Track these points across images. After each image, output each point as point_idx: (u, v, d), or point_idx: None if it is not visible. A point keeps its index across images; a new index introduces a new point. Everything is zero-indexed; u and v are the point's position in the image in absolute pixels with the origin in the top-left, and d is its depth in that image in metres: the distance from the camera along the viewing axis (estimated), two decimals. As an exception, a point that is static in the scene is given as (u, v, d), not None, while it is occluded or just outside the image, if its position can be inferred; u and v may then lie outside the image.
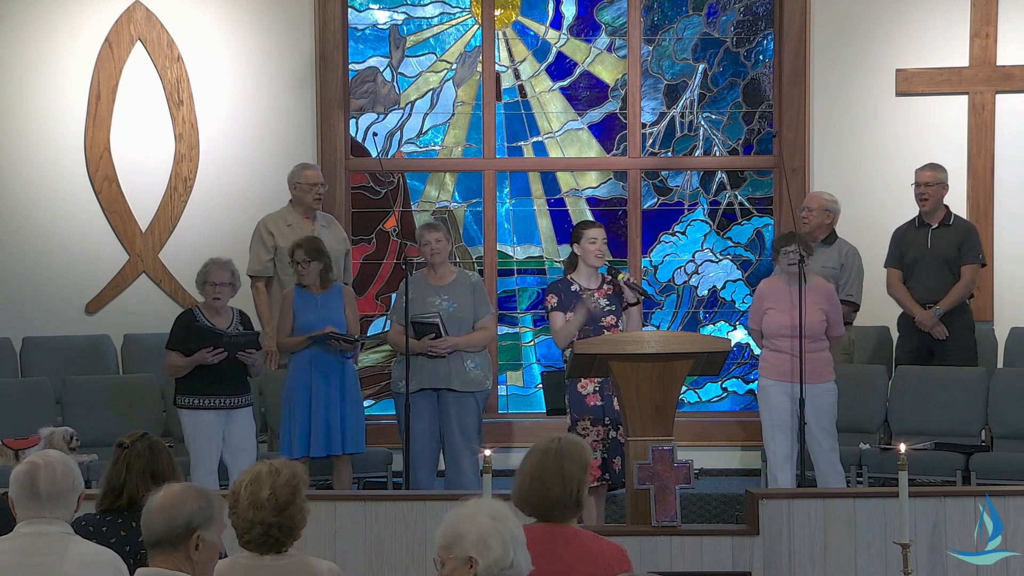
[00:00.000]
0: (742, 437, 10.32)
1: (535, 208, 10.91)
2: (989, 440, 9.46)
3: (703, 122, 10.88)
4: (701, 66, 10.87)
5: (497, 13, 10.87)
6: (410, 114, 10.90)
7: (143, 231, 10.48)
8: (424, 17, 10.89)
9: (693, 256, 10.86)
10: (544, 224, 10.91)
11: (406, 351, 8.66)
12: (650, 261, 10.84)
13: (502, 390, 10.72)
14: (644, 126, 10.84)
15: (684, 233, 10.88)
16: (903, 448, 5.72)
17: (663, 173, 10.89)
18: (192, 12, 10.50)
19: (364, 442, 8.82)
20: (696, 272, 10.87)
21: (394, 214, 10.83)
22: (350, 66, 10.76)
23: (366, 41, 10.86)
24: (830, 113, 10.54)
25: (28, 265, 10.42)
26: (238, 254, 9.24)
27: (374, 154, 10.73)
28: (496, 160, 10.84)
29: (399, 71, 10.88)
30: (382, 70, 10.87)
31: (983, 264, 9.74)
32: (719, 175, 10.88)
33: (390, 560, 6.88)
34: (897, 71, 10.49)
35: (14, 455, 8.70)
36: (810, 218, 9.67)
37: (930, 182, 9.63)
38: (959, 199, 10.09)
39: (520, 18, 10.94)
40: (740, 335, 10.76)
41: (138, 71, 10.47)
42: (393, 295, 9.69)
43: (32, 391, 9.56)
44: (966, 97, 10.45)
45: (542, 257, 10.91)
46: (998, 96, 10.44)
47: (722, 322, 10.87)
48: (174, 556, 3.96)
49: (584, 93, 10.92)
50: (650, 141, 10.87)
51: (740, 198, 10.87)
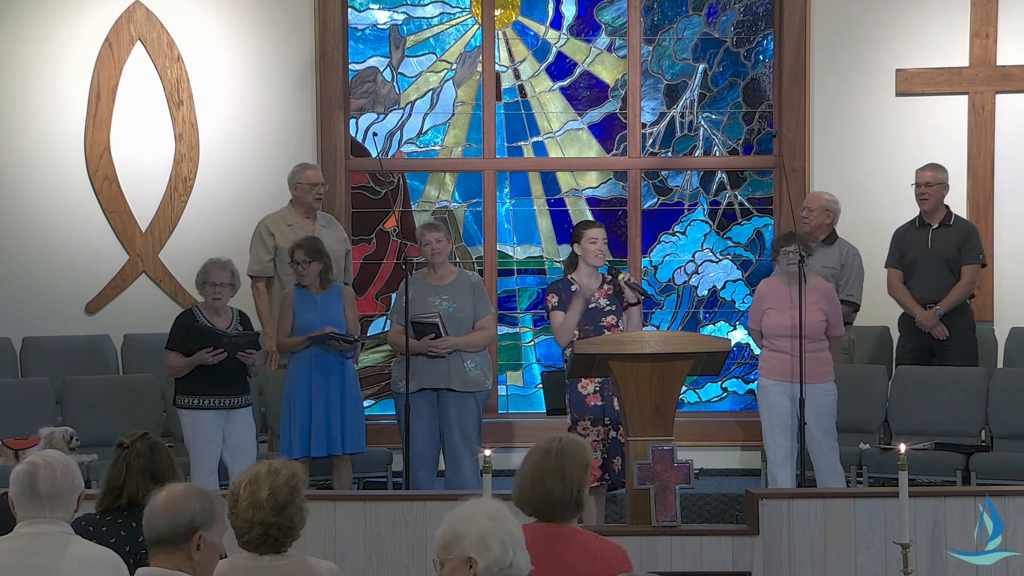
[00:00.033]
0: (742, 437, 10.32)
1: (535, 208, 10.91)
2: (989, 440, 9.45)
3: (703, 122, 10.88)
4: (701, 66, 10.87)
5: (497, 13, 10.87)
6: (410, 114, 10.90)
7: (143, 231, 10.48)
8: (424, 17, 10.89)
9: (693, 256, 10.86)
10: (544, 224, 10.91)
11: (406, 351, 8.66)
12: (650, 261, 10.83)
13: (502, 390, 10.72)
14: (644, 126, 10.84)
15: (684, 233, 10.88)
16: (903, 448, 5.71)
17: (663, 173, 10.89)
18: (192, 12, 10.51)
19: (364, 442, 8.82)
20: (696, 272, 10.86)
21: (394, 214, 10.83)
22: (350, 66, 10.76)
23: (366, 41, 10.86)
24: (830, 113, 10.54)
25: (28, 265, 10.42)
26: (238, 254, 9.24)
27: (374, 154, 10.73)
28: (496, 160, 10.84)
29: (399, 71, 10.88)
30: (382, 70, 10.87)
31: (983, 264, 9.74)
32: (719, 175, 10.88)
33: (390, 560, 6.88)
34: (897, 71, 10.49)
35: (14, 455, 8.70)
36: (810, 218, 9.67)
37: (930, 182, 9.63)
38: (959, 199, 10.09)
39: (520, 18, 10.94)
40: (740, 335, 10.76)
41: (138, 71, 10.47)
42: (393, 295, 9.69)
43: (32, 391, 9.56)
44: (966, 97, 10.45)
45: (542, 257, 10.91)
46: (998, 96, 10.44)
47: (722, 322, 10.87)
48: (175, 555, 3.96)
49: (584, 93, 10.92)
50: (650, 141, 10.87)
51: (740, 198, 10.87)
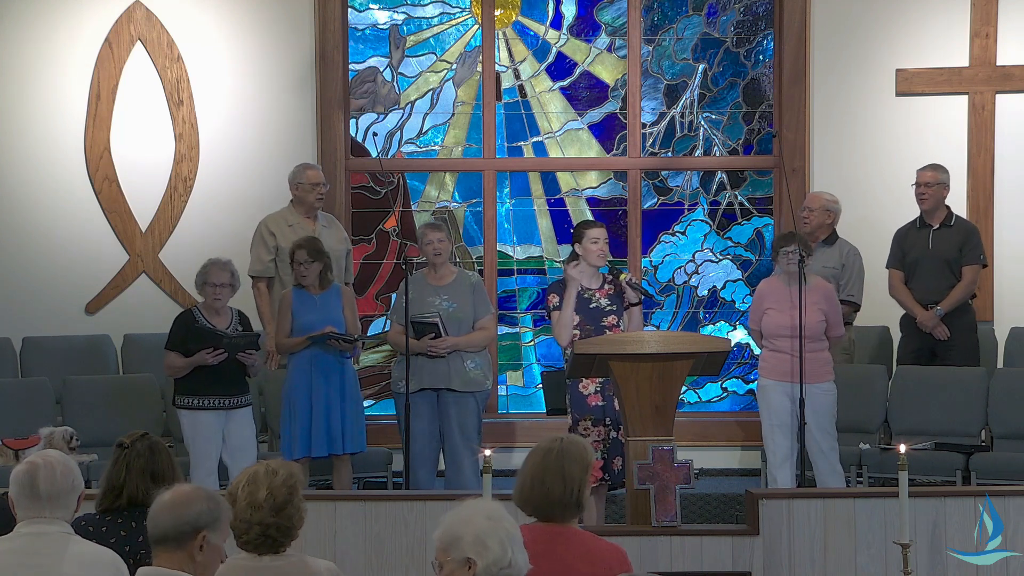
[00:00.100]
0: (742, 437, 10.32)
1: (535, 208, 10.91)
2: (989, 440, 9.45)
3: (703, 122, 10.88)
4: (701, 66, 10.87)
5: (497, 13, 10.86)
6: (410, 114, 10.90)
7: (143, 231, 10.48)
8: (424, 17, 10.89)
9: (693, 256, 10.86)
10: (544, 224, 10.91)
11: (406, 351, 8.66)
12: (650, 261, 10.83)
13: (502, 390, 10.72)
14: (644, 126, 10.84)
15: (684, 233, 10.88)
16: (903, 448, 5.72)
17: (663, 173, 10.89)
18: (192, 12, 10.50)
19: (364, 441, 8.82)
20: (696, 272, 10.86)
21: (394, 214, 10.83)
22: (350, 66, 10.76)
23: (366, 41, 10.86)
24: (830, 113, 10.54)
25: (28, 265, 10.42)
26: (238, 254, 9.24)
27: (374, 154, 10.73)
28: (496, 160, 10.83)
29: (399, 71, 10.88)
30: (382, 70, 10.87)
31: (984, 265, 9.74)
32: (719, 175, 10.88)
33: (390, 560, 6.88)
34: (897, 71, 10.49)
35: (14, 455, 8.70)
36: (811, 218, 9.66)
37: (930, 182, 9.63)
38: (959, 199, 10.08)
39: (520, 18, 10.94)
40: (740, 335, 10.76)
41: (138, 71, 10.47)
42: (393, 295, 9.69)
43: (32, 391, 9.56)
44: (966, 97, 10.44)
45: (542, 257, 10.90)
46: (998, 96, 10.44)
47: (722, 322, 10.86)
48: (178, 554, 3.95)
49: (584, 93, 10.92)
50: (650, 141, 10.87)
51: (740, 198, 10.87)
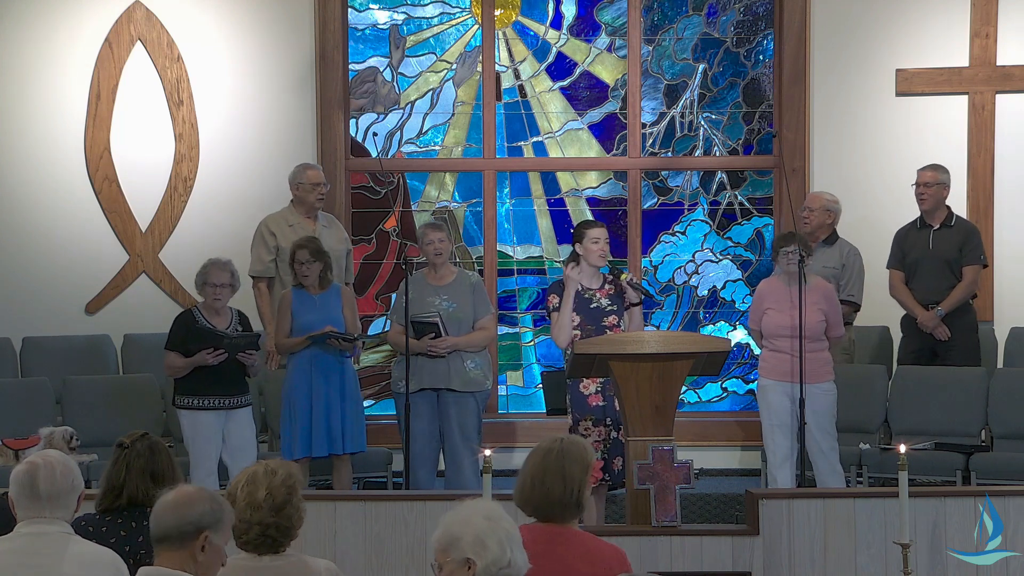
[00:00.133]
0: (742, 437, 10.31)
1: (535, 208, 10.90)
2: (989, 440, 9.45)
3: (703, 122, 10.88)
4: (701, 66, 10.87)
5: (497, 13, 10.86)
6: (410, 114, 10.90)
7: (143, 231, 10.48)
8: (424, 17, 10.89)
9: (693, 256, 10.86)
10: (544, 224, 10.91)
11: (406, 351, 8.66)
12: (650, 261, 10.83)
13: (502, 390, 10.72)
14: (644, 126, 10.84)
15: (684, 233, 10.88)
16: (903, 448, 5.72)
17: (663, 173, 10.89)
18: (192, 12, 10.50)
19: (365, 441, 8.81)
20: (696, 272, 10.86)
21: (394, 214, 10.83)
22: (350, 66, 10.76)
23: (366, 41, 10.86)
24: (830, 113, 10.54)
25: (28, 265, 10.42)
26: (238, 254, 9.24)
27: (374, 154, 10.73)
28: (496, 160, 10.83)
29: (399, 71, 10.88)
30: (382, 70, 10.87)
31: (985, 265, 9.73)
32: (719, 175, 10.88)
33: (390, 560, 6.88)
34: (897, 71, 10.49)
35: (14, 455, 8.70)
36: (811, 218, 9.66)
37: (929, 182, 9.62)
38: (959, 199, 10.08)
39: (520, 18, 10.93)
40: (740, 335, 10.76)
41: (138, 71, 10.47)
42: (393, 295, 9.69)
43: (32, 391, 9.56)
44: (966, 97, 10.44)
45: (542, 257, 10.90)
46: (998, 96, 10.44)
47: (722, 322, 10.86)
48: (180, 554, 3.95)
49: (584, 93, 10.92)
50: (650, 141, 10.87)
51: (740, 198, 10.87)
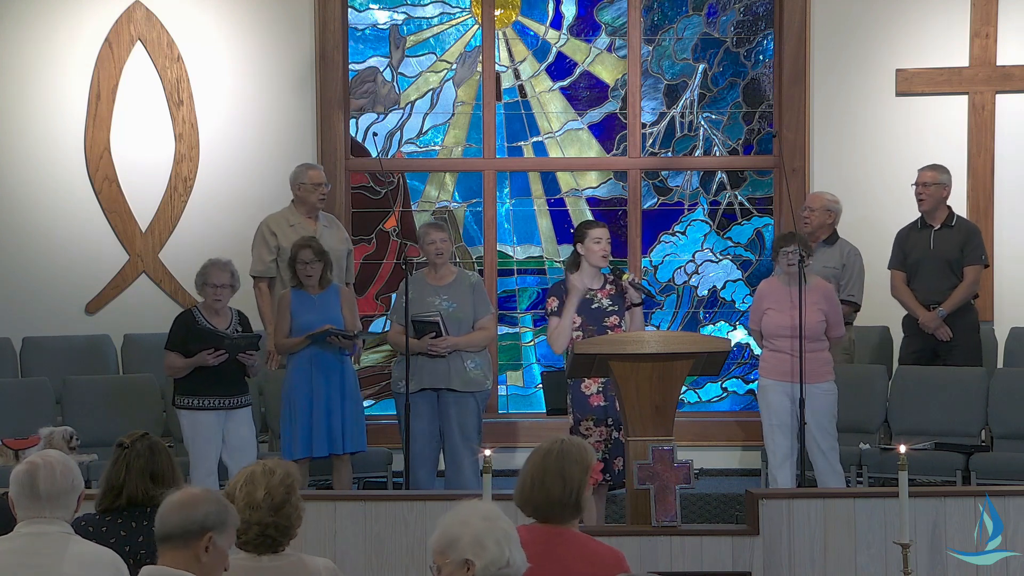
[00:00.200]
0: (742, 437, 10.31)
1: (535, 208, 10.90)
2: (989, 440, 9.45)
3: (703, 122, 10.88)
4: (701, 66, 10.87)
5: (497, 13, 10.86)
6: (410, 114, 10.90)
7: (143, 231, 10.48)
8: (424, 17, 10.89)
9: (693, 256, 10.86)
10: (544, 224, 10.91)
11: (406, 351, 8.66)
12: (650, 261, 10.83)
13: (502, 390, 10.72)
14: (644, 126, 10.84)
15: (684, 233, 10.87)
16: (903, 448, 5.72)
17: (663, 173, 10.89)
18: (192, 12, 10.50)
19: (365, 441, 8.81)
20: (696, 272, 10.86)
21: (394, 214, 10.83)
22: (350, 66, 10.76)
23: (366, 41, 10.86)
24: (830, 113, 10.54)
25: (28, 265, 10.42)
26: (238, 254, 9.24)
27: (374, 154, 10.73)
28: (496, 160, 10.83)
29: (399, 71, 10.88)
30: (382, 70, 10.87)
31: (986, 265, 9.73)
32: (719, 175, 10.88)
33: (390, 560, 6.89)
34: (897, 71, 10.49)
35: (14, 455, 8.70)
36: (812, 218, 9.66)
37: (928, 182, 9.61)
38: (959, 199, 10.07)
39: (520, 18, 10.93)
40: (740, 335, 10.76)
41: (138, 71, 10.47)
42: (393, 295, 9.69)
43: (32, 391, 9.56)
44: (966, 97, 10.44)
45: (542, 257, 10.90)
46: (998, 96, 10.44)
47: (722, 322, 10.86)
48: (183, 554, 3.94)
49: (584, 93, 10.92)
50: (650, 141, 10.87)
51: (740, 198, 10.87)
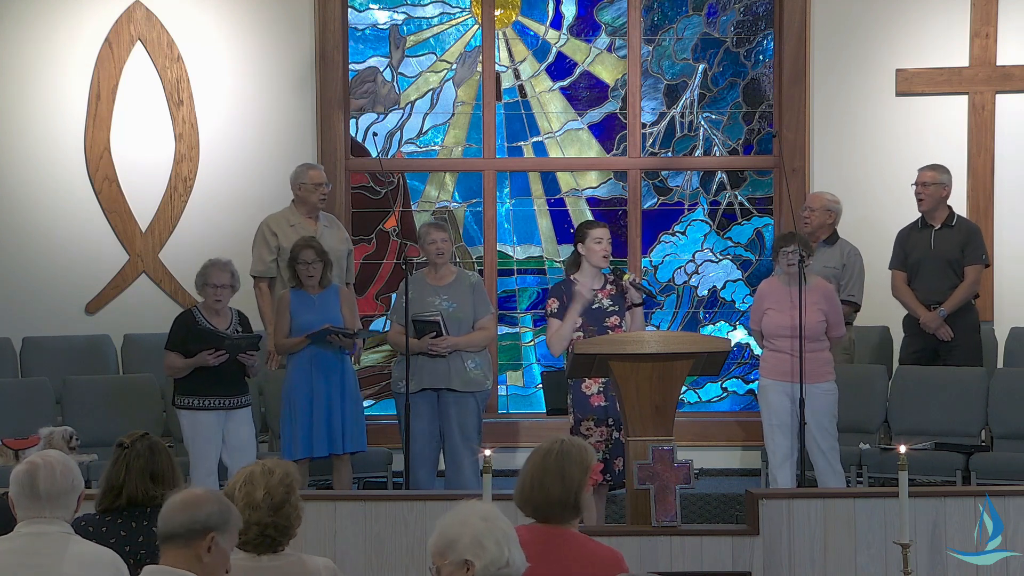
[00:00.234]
0: (742, 437, 10.31)
1: (535, 208, 10.90)
2: (989, 440, 9.45)
3: (703, 122, 10.88)
4: (701, 66, 10.87)
5: (497, 13, 10.86)
6: (410, 114, 10.90)
7: (143, 231, 10.48)
8: (424, 17, 10.89)
9: (693, 256, 10.86)
10: (544, 224, 10.91)
11: (406, 351, 8.66)
12: (650, 261, 10.83)
13: (502, 390, 10.72)
14: (644, 126, 10.84)
15: (684, 233, 10.87)
16: (903, 448, 5.72)
17: (663, 173, 10.89)
18: (192, 12, 10.50)
19: (365, 441, 8.81)
20: (696, 272, 10.86)
21: (394, 214, 10.83)
22: (350, 66, 10.76)
23: (366, 41, 10.86)
24: (830, 113, 10.54)
25: (28, 265, 10.42)
26: (238, 254, 9.23)
27: (374, 154, 10.73)
28: (496, 160, 10.83)
29: (399, 71, 10.88)
30: (382, 70, 10.87)
31: (987, 264, 9.73)
32: (719, 175, 10.88)
33: (390, 560, 6.88)
34: (897, 71, 10.49)
35: (14, 455, 8.70)
36: (812, 218, 9.66)
37: (927, 182, 9.61)
38: (959, 199, 10.07)
39: (520, 18, 10.93)
40: (740, 335, 10.76)
41: (138, 71, 10.47)
42: (393, 295, 9.69)
43: (32, 391, 9.56)
44: (966, 97, 10.44)
45: (542, 257, 10.90)
46: (998, 96, 10.44)
47: (722, 322, 10.86)
48: (185, 553, 3.94)
49: (584, 93, 10.92)
50: (650, 141, 10.87)
51: (740, 198, 10.87)
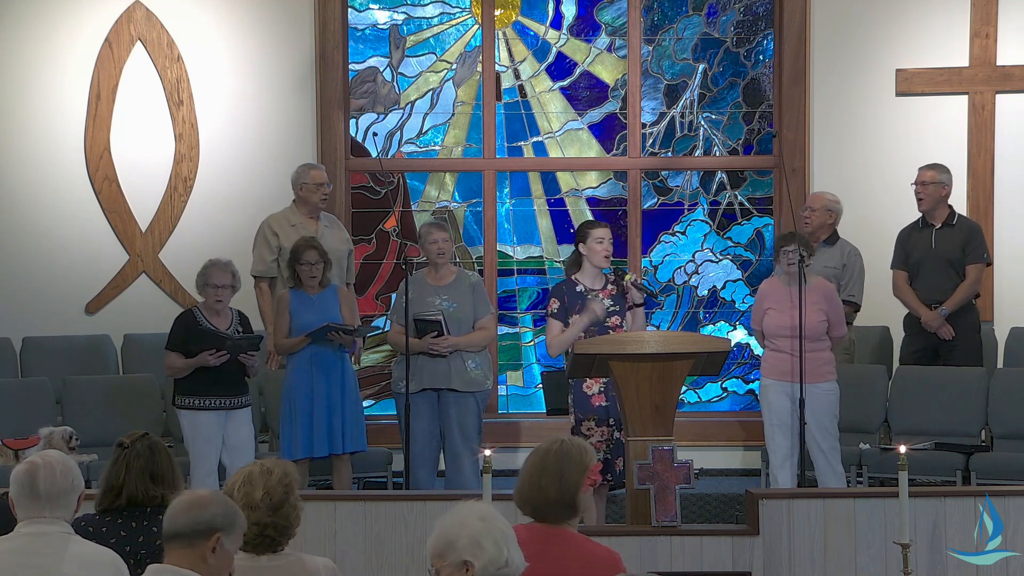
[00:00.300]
0: (742, 437, 10.31)
1: (535, 208, 10.90)
2: (989, 440, 9.45)
3: (703, 122, 10.88)
4: (701, 66, 10.87)
5: (497, 13, 10.86)
6: (410, 114, 10.90)
7: (143, 231, 10.48)
8: (424, 17, 10.89)
9: (693, 256, 10.86)
10: (544, 224, 10.91)
11: (406, 351, 8.66)
12: (650, 261, 10.83)
13: (502, 390, 10.72)
14: (644, 126, 10.84)
15: (684, 233, 10.87)
16: (903, 448, 5.72)
17: (663, 173, 10.89)
18: (192, 12, 10.50)
19: (364, 441, 8.80)
20: (696, 272, 10.86)
21: (394, 214, 10.83)
22: (350, 66, 10.76)
23: (366, 41, 10.86)
24: (830, 113, 10.54)
25: (28, 265, 10.42)
26: (238, 254, 9.23)
27: (374, 154, 10.73)
28: (496, 160, 10.83)
29: (399, 71, 10.88)
30: (382, 70, 10.87)
31: (988, 263, 9.73)
32: (719, 175, 10.88)
33: (390, 560, 6.89)
34: (897, 71, 10.49)
35: (14, 455, 8.70)
36: (812, 218, 9.66)
37: (926, 181, 9.61)
38: (959, 199, 10.07)
39: (520, 18, 10.93)
40: (740, 335, 10.76)
41: (138, 71, 10.47)
42: (393, 295, 9.69)
43: (32, 391, 9.56)
44: (966, 97, 10.44)
45: (542, 257, 10.90)
46: (998, 96, 10.44)
47: (722, 322, 10.86)
48: (189, 553, 3.93)
49: (584, 93, 10.92)
50: (650, 141, 10.87)
51: (740, 198, 10.87)
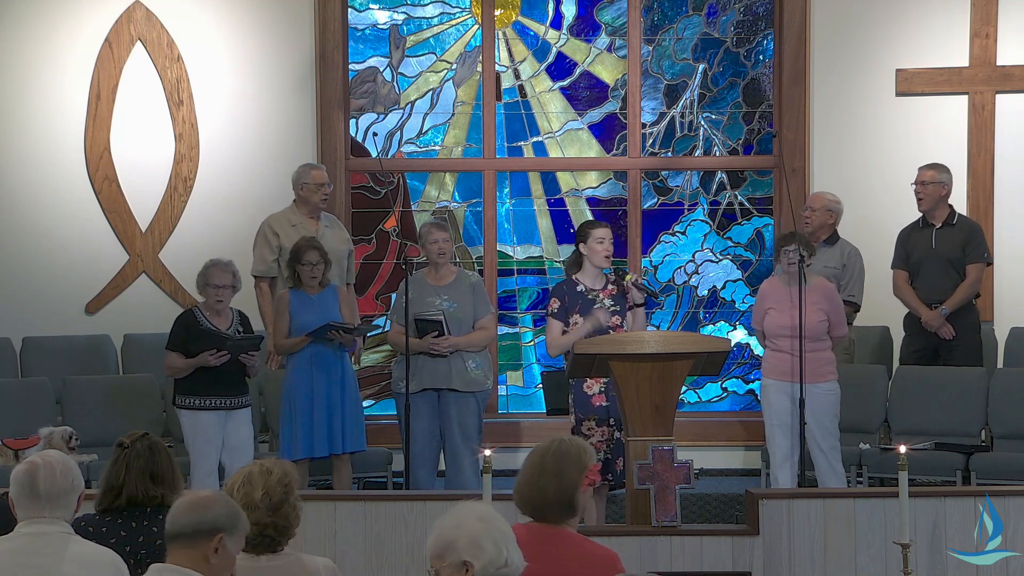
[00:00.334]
0: (742, 437, 10.31)
1: (535, 208, 10.90)
2: (989, 440, 9.45)
3: (703, 122, 10.88)
4: (701, 66, 10.87)
5: (497, 13, 10.86)
6: (410, 114, 10.90)
7: (143, 231, 10.48)
8: (424, 17, 10.89)
9: (693, 256, 10.86)
10: (544, 224, 10.91)
11: (406, 351, 8.66)
12: (650, 261, 10.83)
13: (502, 390, 10.72)
14: (644, 126, 10.84)
15: (684, 233, 10.88)
16: (903, 448, 5.72)
17: (663, 173, 10.89)
18: (192, 12, 10.50)
19: (364, 440, 8.80)
20: (696, 272, 10.86)
21: (394, 214, 10.83)
22: (350, 66, 10.76)
23: (366, 41, 10.86)
24: (830, 113, 10.54)
25: (28, 265, 10.42)
26: (238, 254, 9.23)
27: (374, 154, 10.73)
28: (496, 160, 10.83)
29: (399, 71, 10.88)
30: (382, 70, 10.87)
31: (988, 263, 9.72)
32: (719, 175, 10.88)
33: (390, 560, 6.89)
34: (897, 71, 10.49)
35: (14, 455, 8.70)
36: (812, 218, 9.65)
37: (926, 181, 9.61)
38: (959, 199, 10.07)
39: (520, 18, 10.93)
40: (740, 335, 10.76)
41: (138, 71, 10.47)
42: (393, 295, 9.69)
43: (32, 391, 9.56)
44: (966, 97, 10.44)
45: (542, 257, 10.90)
46: (998, 96, 10.44)
47: (722, 322, 10.86)
48: (192, 553, 3.93)
49: (584, 93, 10.92)
50: (650, 141, 10.87)
51: (740, 198, 10.87)
